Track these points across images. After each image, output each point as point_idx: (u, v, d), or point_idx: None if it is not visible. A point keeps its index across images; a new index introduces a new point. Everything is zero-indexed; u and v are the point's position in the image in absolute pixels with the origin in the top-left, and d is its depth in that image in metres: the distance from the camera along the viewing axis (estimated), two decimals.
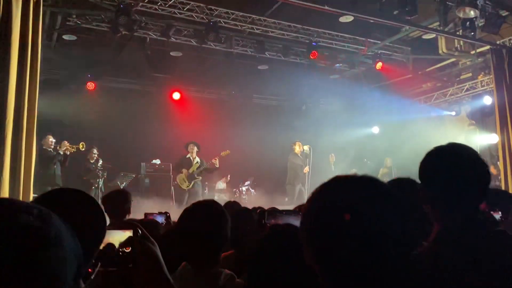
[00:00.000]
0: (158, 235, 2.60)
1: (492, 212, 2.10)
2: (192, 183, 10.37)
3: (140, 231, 1.24)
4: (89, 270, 1.13)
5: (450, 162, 1.57)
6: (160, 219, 2.97)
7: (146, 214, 3.18)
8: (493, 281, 1.41)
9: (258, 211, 1.93)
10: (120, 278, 1.16)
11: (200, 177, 10.48)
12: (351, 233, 0.94)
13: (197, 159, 10.54)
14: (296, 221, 1.84)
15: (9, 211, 0.72)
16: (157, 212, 3.22)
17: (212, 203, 2.16)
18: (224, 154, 10.49)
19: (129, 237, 1.21)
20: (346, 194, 0.99)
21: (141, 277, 1.19)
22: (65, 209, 0.84)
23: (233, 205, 3.73)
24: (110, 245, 1.18)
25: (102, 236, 1.21)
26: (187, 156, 10.58)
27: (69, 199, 1.25)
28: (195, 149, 10.54)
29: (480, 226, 1.57)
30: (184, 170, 10.43)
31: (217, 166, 10.42)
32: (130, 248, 1.19)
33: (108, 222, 1.56)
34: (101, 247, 1.18)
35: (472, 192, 1.55)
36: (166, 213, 3.15)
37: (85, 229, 0.90)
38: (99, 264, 1.14)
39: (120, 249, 1.18)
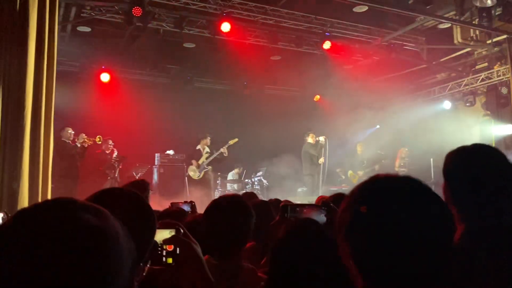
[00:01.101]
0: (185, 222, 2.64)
1: None
2: (202, 173, 10.61)
3: (182, 231, 1.26)
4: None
5: (477, 162, 1.56)
6: (186, 208, 3.01)
7: (172, 204, 3.23)
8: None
9: (280, 204, 1.95)
10: (163, 275, 1.19)
11: (210, 167, 10.58)
12: (394, 236, 0.94)
13: (207, 149, 10.69)
14: (318, 217, 1.86)
15: (70, 210, 0.75)
16: (182, 201, 3.27)
17: (239, 199, 2.19)
18: (232, 142, 10.62)
19: (173, 236, 1.23)
20: (389, 196, 0.99)
21: (184, 275, 1.21)
22: (117, 209, 0.87)
23: (250, 196, 3.75)
24: (155, 243, 1.20)
25: (153, 235, 1.24)
26: (197, 148, 10.85)
27: (119, 199, 1.27)
28: (206, 141, 10.69)
29: (507, 228, 1.54)
30: (194, 161, 10.75)
31: (226, 154, 10.54)
32: (173, 246, 1.21)
33: None
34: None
35: (499, 194, 1.53)
36: (191, 202, 3.20)
37: (136, 229, 0.93)
38: (149, 262, 1.17)
39: (164, 247, 1.20)
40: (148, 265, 1.18)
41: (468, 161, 1.58)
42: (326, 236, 1.56)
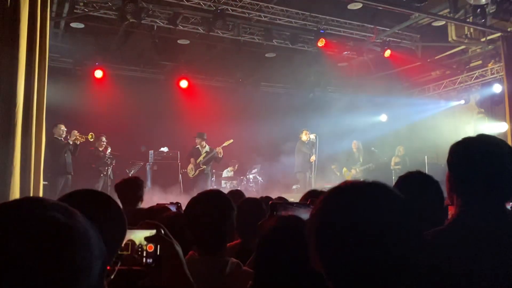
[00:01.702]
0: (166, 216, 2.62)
1: None
2: (197, 171, 10.57)
3: (163, 231, 1.25)
4: (108, 267, 1.15)
5: (482, 152, 1.54)
6: (172, 209, 3.00)
7: (158, 205, 3.21)
8: (503, 270, 1.40)
9: (270, 202, 1.95)
10: (142, 276, 1.17)
11: (205, 166, 10.63)
12: (357, 241, 0.95)
13: (207, 148, 10.70)
14: (306, 214, 1.85)
15: (38, 208, 0.74)
16: (168, 202, 3.25)
17: (217, 192, 2.19)
18: (227, 143, 10.62)
19: (154, 236, 1.22)
20: (354, 202, 1.00)
21: (164, 275, 1.20)
22: (87, 209, 0.86)
23: (236, 194, 3.72)
24: (132, 244, 1.19)
25: (123, 235, 1.23)
26: (196, 147, 10.79)
27: (89, 199, 1.26)
28: (202, 140, 10.70)
29: (502, 216, 1.53)
30: (192, 160, 10.71)
31: (221, 155, 10.56)
32: (153, 247, 1.20)
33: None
34: (122, 245, 1.19)
35: (500, 184, 1.52)
36: (177, 203, 3.18)
37: (106, 229, 0.92)
38: (119, 262, 1.16)
39: (144, 248, 1.19)
40: (125, 266, 1.17)
41: (471, 150, 1.57)
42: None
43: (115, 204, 1.29)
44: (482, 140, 1.59)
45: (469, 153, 1.57)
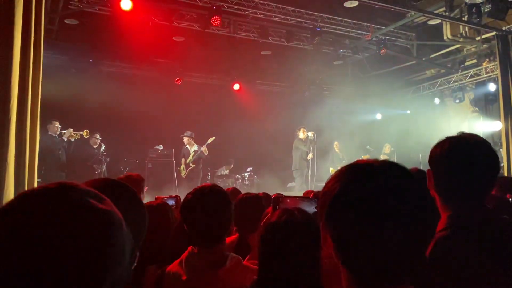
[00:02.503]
0: (170, 217, 2.61)
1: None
2: (187, 170, 10.75)
3: None
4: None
5: (461, 151, 1.56)
6: (171, 202, 2.97)
7: (156, 198, 3.19)
8: (503, 265, 1.41)
9: (273, 196, 1.93)
10: None
11: (194, 165, 10.77)
12: (374, 219, 0.90)
13: (195, 147, 10.82)
14: (308, 207, 1.85)
15: (77, 195, 0.74)
16: (167, 196, 3.23)
17: (213, 186, 2.18)
18: (210, 140, 10.72)
19: None
20: (370, 175, 0.95)
21: None
22: (114, 198, 0.85)
23: (232, 193, 3.70)
24: None
25: (145, 226, 1.23)
26: (186, 146, 10.91)
27: (116, 189, 1.25)
28: (190, 139, 10.72)
29: (489, 213, 1.57)
30: (183, 160, 10.86)
31: (206, 153, 10.62)
32: None
33: None
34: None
35: (482, 181, 1.55)
36: (176, 196, 3.16)
37: (131, 219, 0.91)
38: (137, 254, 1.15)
39: None
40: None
41: (453, 149, 1.58)
42: (314, 224, 1.58)
43: (137, 195, 1.29)
44: (463, 139, 1.60)
45: (450, 151, 1.58)
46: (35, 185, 5.85)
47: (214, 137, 10.72)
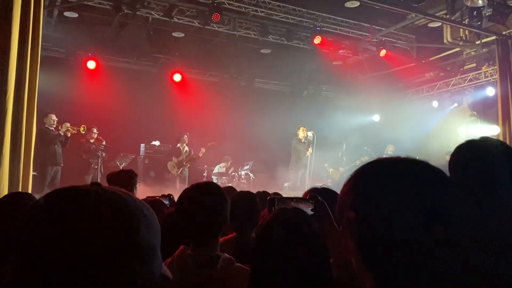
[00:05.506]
0: (160, 216, 2.57)
1: None
2: (181, 169, 10.80)
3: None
4: None
5: (483, 155, 1.56)
6: (165, 202, 2.93)
7: (147, 197, 3.11)
8: None
9: (268, 198, 1.90)
10: None
11: (189, 165, 10.94)
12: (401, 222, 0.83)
13: (186, 148, 10.94)
14: (306, 210, 1.82)
15: (103, 191, 0.78)
16: (159, 195, 3.17)
17: (210, 184, 2.15)
18: (211, 144, 10.81)
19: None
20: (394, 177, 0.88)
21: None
22: None
23: (228, 191, 3.67)
24: None
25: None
26: (178, 146, 10.92)
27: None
28: (184, 139, 10.90)
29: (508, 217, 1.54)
30: (174, 158, 10.84)
31: (201, 155, 10.68)
32: None
33: None
34: None
35: (502, 186, 1.53)
36: (169, 195, 3.11)
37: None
38: None
39: None
40: None
41: (474, 153, 1.59)
42: (311, 225, 1.57)
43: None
44: (484, 143, 1.61)
45: (472, 156, 1.59)
46: (30, 178, 5.81)
47: (214, 143, 10.78)
